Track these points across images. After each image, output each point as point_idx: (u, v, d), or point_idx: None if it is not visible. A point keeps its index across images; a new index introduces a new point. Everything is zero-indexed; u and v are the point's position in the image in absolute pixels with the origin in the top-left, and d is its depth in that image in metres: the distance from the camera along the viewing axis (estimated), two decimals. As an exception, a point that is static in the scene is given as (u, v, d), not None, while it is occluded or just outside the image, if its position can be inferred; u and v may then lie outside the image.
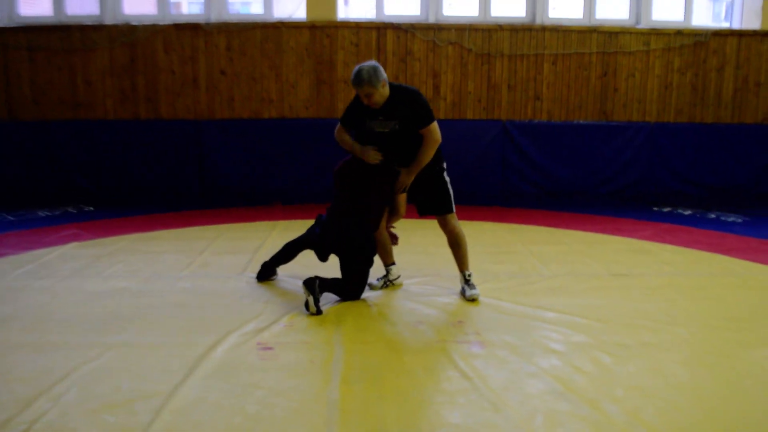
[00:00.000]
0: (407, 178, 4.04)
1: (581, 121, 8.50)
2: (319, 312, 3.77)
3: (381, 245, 4.30)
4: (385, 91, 3.88)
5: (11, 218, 6.80)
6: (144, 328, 3.54)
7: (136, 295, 4.14)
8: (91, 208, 7.49)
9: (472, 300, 4.04)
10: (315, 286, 3.77)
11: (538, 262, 5.04)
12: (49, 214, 7.11)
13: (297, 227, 4.78)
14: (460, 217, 4.24)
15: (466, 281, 4.15)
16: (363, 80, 3.79)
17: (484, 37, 8.26)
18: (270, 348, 3.27)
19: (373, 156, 3.93)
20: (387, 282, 4.35)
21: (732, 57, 8.46)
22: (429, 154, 3.96)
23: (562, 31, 8.27)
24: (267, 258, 4.59)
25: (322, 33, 8.19)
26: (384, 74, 3.87)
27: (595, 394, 2.78)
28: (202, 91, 8.26)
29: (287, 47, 8.21)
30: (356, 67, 3.85)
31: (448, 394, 2.79)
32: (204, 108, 8.28)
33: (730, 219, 7.04)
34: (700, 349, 3.31)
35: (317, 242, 4.08)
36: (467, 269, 4.18)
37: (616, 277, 4.63)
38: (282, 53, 8.21)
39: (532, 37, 8.29)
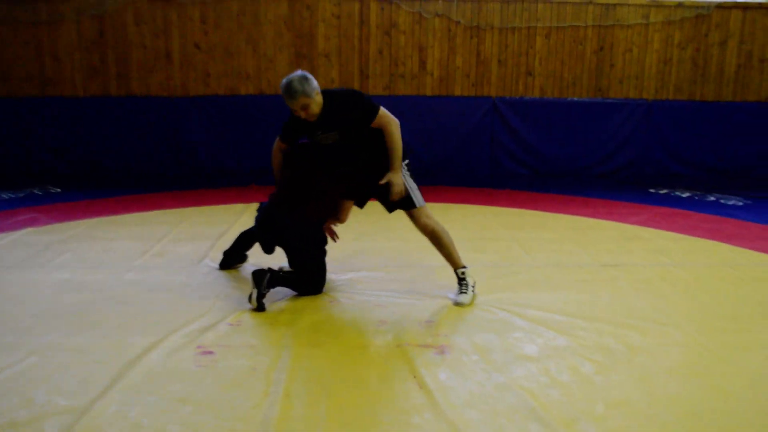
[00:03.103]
0: (396, 177, 3.56)
1: (575, 98, 8.09)
2: (261, 308, 3.40)
3: None
4: (320, 99, 3.46)
5: (-29, 201, 6.42)
6: (76, 328, 3.18)
7: (76, 288, 3.78)
8: (58, 190, 7.13)
9: (458, 305, 3.55)
10: (264, 279, 3.39)
11: (521, 250, 4.68)
12: (12, 196, 6.73)
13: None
14: (446, 200, 3.81)
15: (460, 281, 3.67)
16: (296, 91, 3.35)
17: (473, 9, 7.82)
18: (211, 352, 2.92)
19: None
20: None
21: (735, 31, 8.03)
22: (398, 140, 3.54)
23: (556, 3, 7.84)
24: (228, 246, 4.24)
25: (302, 4, 7.75)
26: (316, 82, 3.45)
27: (572, 411, 2.42)
28: (176, 67, 7.85)
29: (265, 20, 7.78)
30: (284, 81, 3.42)
31: (402, 412, 2.44)
32: (178, 84, 7.88)
33: (731, 202, 6.67)
34: (693, 353, 2.95)
35: (256, 232, 3.71)
36: (459, 266, 3.69)
37: (605, 268, 4.27)
38: (259, 26, 7.79)
39: (524, 9, 7.85)
